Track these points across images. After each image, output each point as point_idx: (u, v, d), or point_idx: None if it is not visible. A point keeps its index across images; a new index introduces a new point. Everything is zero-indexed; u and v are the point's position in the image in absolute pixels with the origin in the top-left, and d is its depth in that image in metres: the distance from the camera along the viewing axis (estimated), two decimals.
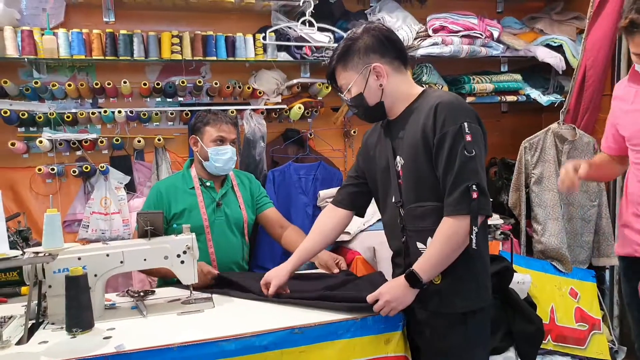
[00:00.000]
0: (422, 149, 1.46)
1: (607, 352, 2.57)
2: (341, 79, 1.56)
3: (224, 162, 2.09)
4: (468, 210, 1.37)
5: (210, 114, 2.14)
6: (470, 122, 1.40)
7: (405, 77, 1.56)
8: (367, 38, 1.50)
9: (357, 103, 1.56)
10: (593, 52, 2.69)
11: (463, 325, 1.48)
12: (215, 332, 1.42)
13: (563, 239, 2.65)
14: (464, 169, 1.38)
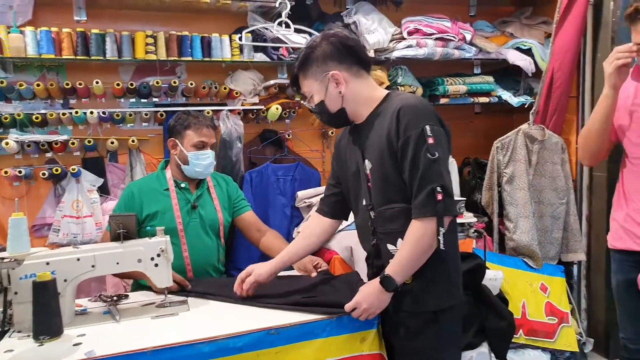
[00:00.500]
0: (388, 152, 1.48)
1: (575, 344, 2.65)
2: (303, 87, 1.61)
3: (204, 167, 2.08)
4: (434, 212, 1.40)
5: (190, 117, 2.09)
6: (432, 125, 1.43)
7: (366, 82, 1.59)
8: (325, 46, 1.53)
9: (319, 110, 1.59)
10: (560, 55, 2.77)
11: (435, 324, 1.51)
12: (191, 335, 1.41)
13: (534, 236, 2.72)
14: (428, 171, 1.41)
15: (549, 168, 2.81)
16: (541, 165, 2.81)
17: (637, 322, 1.93)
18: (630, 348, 1.97)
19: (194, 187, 2.15)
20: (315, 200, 2.63)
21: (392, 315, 1.54)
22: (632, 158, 1.90)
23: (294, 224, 2.69)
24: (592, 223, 2.93)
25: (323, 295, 1.62)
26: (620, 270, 1.97)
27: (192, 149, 2.05)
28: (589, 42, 2.82)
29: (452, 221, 1.52)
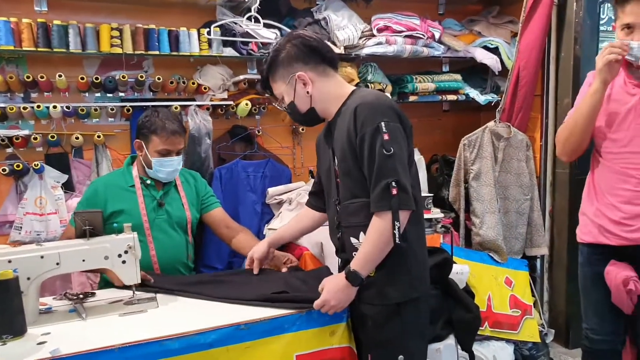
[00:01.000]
0: (349, 149, 1.52)
1: (537, 335, 2.74)
2: (274, 89, 1.65)
3: (167, 173, 2.04)
4: (389, 206, 1.43)
5: (158, 120, 2.00)
6: (387, 121, 1.46)
7: (333, 80, 1.62)
8: (289, 48, 1.57)
9: (291, 110, 1.64)
10: (525, 54, 2.85)
11: (398, 316, 1.53)
12: (159, 331, 1.40)
13: (499, 231, 2.79)
14: (383, 167, 1.44)
15: (515, 165, 2.89)
16: (507, 162, 2.88)
17: (601, 314, 1.99)
18: (592, 338, 2.03)
19: (160, 184, 2.11)
20: (286, 197, 2.64)
21: (357, 306, 1.57)
22: (605, 153, 1.93)
23: (264, 221, 2.69)
24: (555, 218, 3.02)
25: (293, 291, 1.62)
26: (588, 262, 2.02)
27: (156, 155, 2.00)
28: (553, 42, 2.91)
29: (416, 215, 1.54)
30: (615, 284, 1.86)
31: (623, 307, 1.88)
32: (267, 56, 1.64)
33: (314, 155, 2.96)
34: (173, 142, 2.00)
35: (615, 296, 1.88)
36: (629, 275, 1.82)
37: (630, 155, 1.85)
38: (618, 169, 1.88)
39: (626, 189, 1.85)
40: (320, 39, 1.64)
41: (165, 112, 2.06)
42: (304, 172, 2.99)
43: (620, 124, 1.87)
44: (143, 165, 2.07)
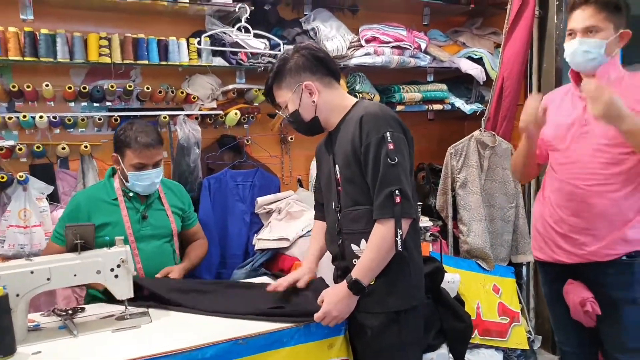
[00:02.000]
0: (352, 157, 1.55)
1: (525, 342, 2.78)
2: (278, 97, 1.66)
3: (144, 187, 2.00)
4: (392, 214, 1.46)
5: (132, 132, 1.95)
6: (392, 132, 1.50)
7: (337, 91, 1.66)
8: (297, 58, 1.60)
9: (294, 119, 1.66)
10: (509, 65, 2.90)
11: (397, 324, 1.55)
12: (155, 348, 1.38)
13: (486, 239, 2.83)
14: (387, 175, 1.47)
15: (500, 173, 2.93)
16: (492, 171, 2.92)
17: (565, 328, 2.04)
18: (563, 350, 2.09)
19: (143, 196, 2.07)
20: (275, 206, 2.63)
21: (355, 316, 1.57)
22: (553, 164, 1.95)
23: (253, 231, 2.67)
24: None
25: (291, 304, 1.62)
26: (548, 281, 2.06)
27: (132, 169, 1.96)
28: (535, 53, 2.97)
29: (413, 224, 1.57)
30: (573, 304, 1.89)
31: (583, 322, 1.91)
32: (272, 64, 1.66)
33: (302, 164, 3.02)
34: (147, 155, 1.96)
35: (574, 314, 1.92)
36: (585, 297, 1.84)
37: (574, 166, 1.85)
38: (565, 180, 1.88)
39: (572, 200, 1.85)
40: (327, 52, 1.70)
41: (141, 125, 2.00)
42: (292, 181, 2.99)
43: (565, 135, 1.88)
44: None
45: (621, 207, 1.78)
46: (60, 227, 2.00)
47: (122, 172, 2.00)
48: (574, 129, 1.86)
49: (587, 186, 1.81)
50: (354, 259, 1.57)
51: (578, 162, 1.84)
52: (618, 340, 1.86)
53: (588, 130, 1.82)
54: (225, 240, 2.60)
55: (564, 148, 1.89)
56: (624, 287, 1.81)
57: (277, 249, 2.43)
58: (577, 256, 1.86)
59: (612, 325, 1.86)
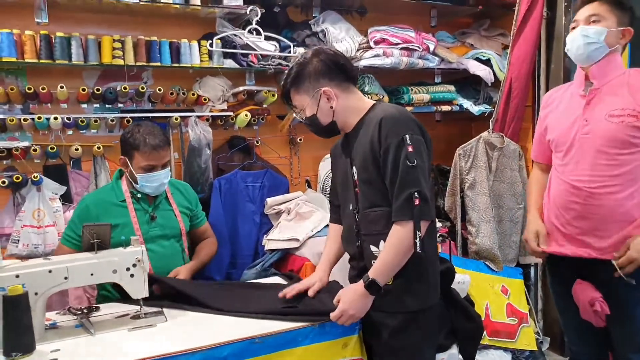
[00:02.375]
0: (371, 159, 1.56)
1: (534, 343, 2.78)
2: (295, 101, 1.67)
3: (154, 188, 2.02)
4: (411, 216, 1.47)
5: (139, 135, 1.96)
6: (412, 134, 1.50)
7: (355, 95, 1.67)
8: (316, 63, 1.60)
9: (311, 123, 1.66)
10: (517, 66, 2.91)
11: (415, 323, 1.57)
12: (172, 346, 1.39)
13: (495, 240, 2.83)
14: (407, 178, 1.48)
15: (508, 174, 2.94)
16: (500, 172, 2.93)
17: (577, 329, 2.04)
18: (575, 350, 2.10)
19: (151, 197, 2.09)
20: (285, 207, 2.64)
21: (371, 315, 1.58)
22: (556, 165, 1.97)
23: (263, 231, 2.68)
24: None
25: (304, 304, 1.63)
26: (556, 282, 2.08)
27: (141, 171, 1.98)
28: (543, 54, 2.98)
29: (431, 225, 1.58)
30: (582, 304, 1.90)
31: (592, 322, 1.92)
32: (290, 68, 1.66)
33: (311, 165, 3.04)
34: (156, 157, 1.97)
35: (583, 314, 1.92)
36: (594, 297, 1.85)
37: (577, 167, 1.86)
38: (569, 181, 1.88)
39: (577, 202, 1.86)
40: (345, 56, 1.69)
41: (147, 127, 2.01)
42: (301, 182, 3.00)
43: (567, 136, 1.89)
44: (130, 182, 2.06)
45: (626, 206, 1.79)
46: (69, 229, 2.02)
47: (130, 175, 2.02)
48: (575, 129, 1.87)
49: (591, 188, 1.82)
50: (372, 260, 1.58)
51: (581, 163, 1.85)
52: (630, 341, 1.87)
53: (589, 131, 1.83)
54: (236, 240, 2.62)
55: (566, 149, 1.91)
56: (634, 286, 1.81)
57: (287, 250, 2.44)
58: (585, 253, 1.87)
59: (623, 325, 1.87)
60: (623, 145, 1.77)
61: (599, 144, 1.80)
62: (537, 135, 2.16)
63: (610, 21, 1.79)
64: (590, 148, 1.83)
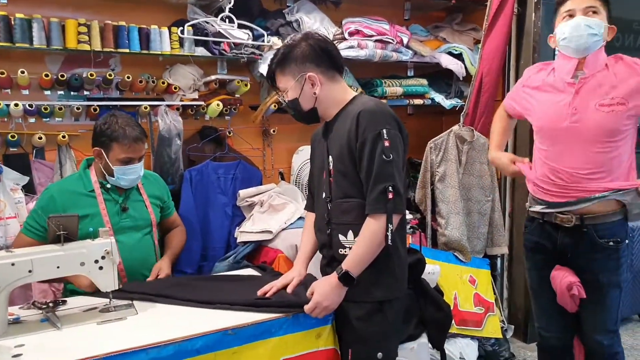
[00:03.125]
0: (347, 151, 1.57)
1: (499, 331, 2.86)
2: (279, 82, 1.65)
3: (130, 180, 1.97)
4: (384, 209, 1.49)
5: (118, 126, 1.89)
6: (389, 129, 1.51)
7: (339, 85, 1.66)
8: (304, 47, 1.59)
9: (292, 106, 1.65)
10: (488, 61, 2.95)
11: (380, 313, 1.58)
12: (143, 339, 1.36)
13: (463, 232, 2.89)
14: (382, 172, 1.49)
15: (477, 167, 2.99)
16: (470, 165, 2.98)
17: (549, 313, 2.11)
18: (544, 335, 2.16)
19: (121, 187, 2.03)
20: (257, 199, 2.62)
21: (340, 305, 1.59)
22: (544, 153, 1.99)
23: (235, 224, 2.65)
24: (514, 219, 3.15)
25: (278, 295, 1.62)
26: (535, 267, 2.13)
27: (118, 164, 1.92)
28: (513, 50, 3.04)
29: (401, 220, 1.61)
30: (560, 289, 1.97)
31: (567, 307, 2.01)
32: (278, 49, 1.64)
33: (284, 157, 3.02)
34: (135, 149, 1.92)
35: (560, 299, 2.00)
36: (572, 281, 1.93)
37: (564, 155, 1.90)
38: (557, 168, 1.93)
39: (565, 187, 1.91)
40: (334, 44, 1.68)
41: (125, 118, 1.95)
42: (274, 174, 2.98)
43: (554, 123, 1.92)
44: (103, 173, 1.99)
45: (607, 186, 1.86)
46: (31, 219, 1.94)
47: (105, 167, 1.95)
48: (563, 117, 1.89)
49: (579, 175, 1.87)
50: (340, 249, 1.61)
51: (569, 151, 1.89)
52: (600, 322, 1.96)
53: (578, 120, 1.86)
54: (207, 232, 2.58)
55: (554, 137, 1.93)
56: (611, 271, 1.91)
57: (260, 242, 2.43)
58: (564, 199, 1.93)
59: (596, 308, 1.95)
60: (612, 134, 1.81)
61: (589, 133, 1.84)
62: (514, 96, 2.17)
63: (603, 15, 1.83)
64: (579, 137, 1.86)
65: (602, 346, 1.97)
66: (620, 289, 1.94)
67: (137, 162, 1.96)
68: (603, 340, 1.96)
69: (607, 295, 1.93)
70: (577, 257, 1.95)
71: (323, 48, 1.60)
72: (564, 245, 1.97)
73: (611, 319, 1.96)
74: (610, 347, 1.98)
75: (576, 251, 1.95)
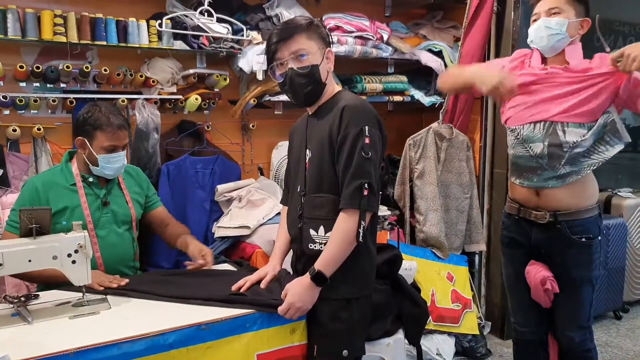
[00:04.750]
0: (327, 146, 1.57)
1: (476, 327, 2.90)
2: (302, 44, 1.55)
3: (115, 170, 1.95)
4: (358, 205, 1.50)
5: (101, 114, 1.88)
6: (371, 127, 1.52)
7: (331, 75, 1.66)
8: (322, 27, 1.62)
9: (308, 73, 1.55)
10: (467, 59, 2.98)
11: (347, 312, 1.58)
12: (115, 334, 1.35)
13: (442, 228, 2.91)
14: (360, 168, 1.50)
15: (456, 164, 3.02)
16: (448, 162, 3.01)
17: (524, 308, 2.14)
18: (519, 330, 2.19)
19: (103, 181, 2.01)
20: (236, 194, 2.61)
21: None
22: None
23: (213, 219, 2.65)
24: (492, 216, 3.19)
25: (253, 293, 1.62)
26: (511, 262, 2.17)
27: (102, 152, 1.90)
28: (493, 48, 3.06)
29: (372, 218, 1.62)
30: (534, 283, 2.01)
31: (541, 302, 2.05)
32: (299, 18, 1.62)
33: (263, 152, 3.01)
34: (119, 136, 1.92)
35: (534, 293, 2.04)
36: (546, 276, 1.97)
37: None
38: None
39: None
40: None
41: (108, 106, 1.95)
42: (253, 169, 2.97)
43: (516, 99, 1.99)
44: (85, 163, 1.96)
45: None
46: (15, 215, 1.90)
47: (88, 156, 1.93)
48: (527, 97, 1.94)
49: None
50: (310, 244, 1.60)
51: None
52: (572, 318, 2.00)
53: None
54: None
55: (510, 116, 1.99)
56: (584, 266, 1.95)
57: (238, 237, 2.42)
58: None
59: (568, 303, 1.99)
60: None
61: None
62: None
63: (569, 13, 1.89)
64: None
65: (574, 342, 2.01)
66: (592, 285, 1.98)
67: (121, 151, 1.94)
68: (575, 336, 2.00)
69: (579, 291, 1.97)
70: (550, 253, 2.00)
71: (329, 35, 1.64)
72: (538, 241, 2.01)
73: (583, 315, 1.99)
74: (582, 344, 2.01)
75: (550, 247, 1.99)
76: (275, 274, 1.73)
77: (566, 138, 1.88)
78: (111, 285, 1.72)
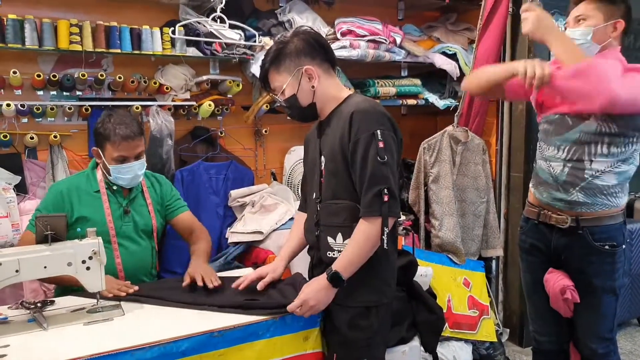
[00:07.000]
0: (339, 151, 1.54)
1: (494, 334, 2.85)
2: (275, 82, 1.61)
3: (127, 180, 1.94)
4: (379, 212, 1.46)
5: (110, 124, 1.87)
6: (383, 130, 1.49)
7: (334, 80, 1.64)
8: (297, 41, 1.57)
9: (290, 104, 1.61)
10: (482, 61, 2.94)
11: (366, 320, 1.56)
12: (129, 341, 1.36)
13: (458, 233, 2.87)
14: (377, 174, 1.47)
15: (472, 168, 2.98)
16: (464, 166, 2.97)
17: (543, 317, 2.08)
18: (539, 339, 2.13)
19: (126, 190, 2.02)
20: (249, 199, 2.62)
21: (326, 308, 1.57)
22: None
23: (226, 224, 2.65)
24: (509, 220, 3.14)
25: (265, 297, 1.61)
26: (529, 269, 2.11)
27: (113, 162, 1.91)
28: (508, 50, 3.02)
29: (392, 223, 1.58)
30: (553, 292, 1.94)
31: (561, 312, 1.98)
32: (269, 48, 1.62)
33: (276, 157, 3.01)
34: (127, 147, 1.90)
35: (553, 302, 1.97)
36: (566, 285, 1.90)
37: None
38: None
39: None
40: (325, 38, 1.67)
41: (120, 116, 1.93)
42: (266, 175, 2.98)
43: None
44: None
45: None
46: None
47: (104, 166, 1.95)
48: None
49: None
50: (328, 251, 1.58)
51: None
52: (593, 329, 1.92)
53: None
54: None
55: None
56: (606, 275, 1.87)
57: (251, 242, 2.42)
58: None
59: (589, 314, 1.91)
60: None
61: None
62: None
63: (596, 19, 1.83)
64: None
65: (596, 354, 1.93)
66: (616, 295, 1.89)
67: (133, 161, 1.92)
68: (597, 348, 1.92)
69: (602, 301, 1.89)
70: (571, 260, 1.92)
71: (316, 40, 1.59)
72: (558, 246, 1.95)
73: (606, 326, 1.91)
74: (605, 356, 1.93)
75: (570, 253, 1.92)
76: (274, 276, 1.71)
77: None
78: (120, 293, 1.72)
